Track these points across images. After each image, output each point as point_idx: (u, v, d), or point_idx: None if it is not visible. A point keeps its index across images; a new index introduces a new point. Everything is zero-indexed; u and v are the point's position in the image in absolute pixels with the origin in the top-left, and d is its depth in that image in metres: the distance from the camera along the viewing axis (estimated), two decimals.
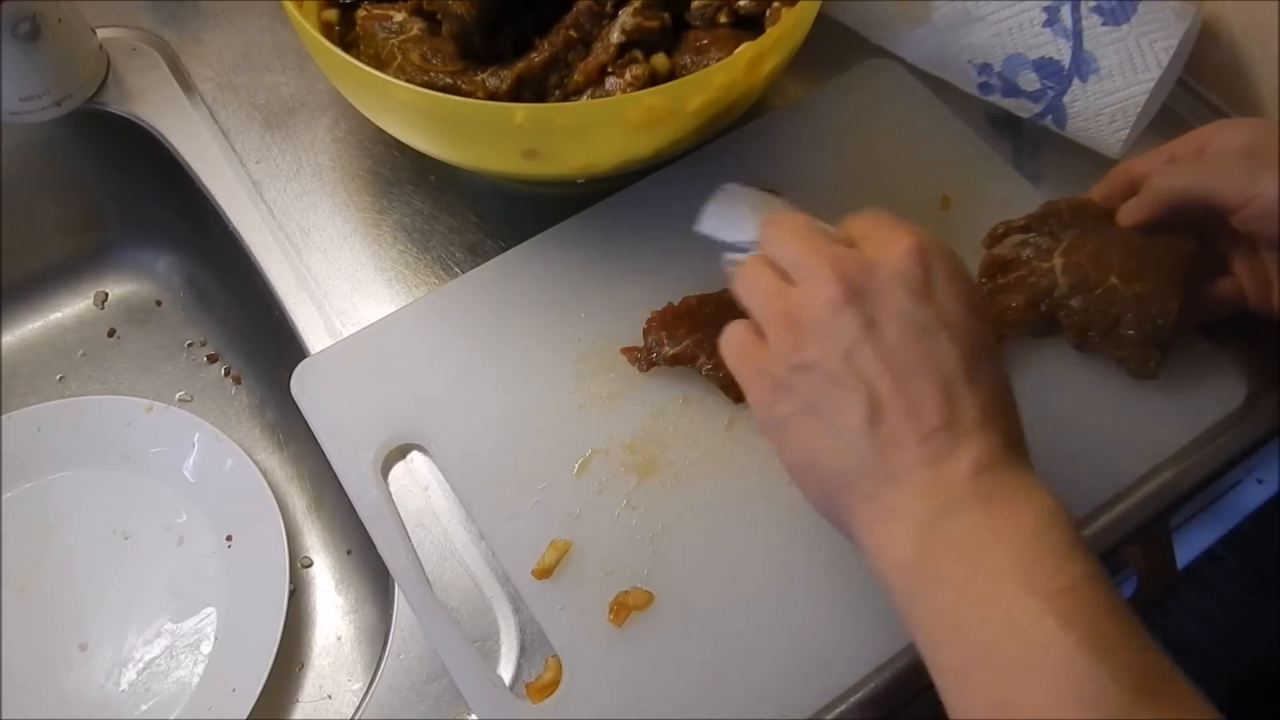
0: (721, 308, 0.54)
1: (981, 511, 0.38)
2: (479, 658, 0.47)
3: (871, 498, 0.39)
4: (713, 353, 0.52)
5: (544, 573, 0.49)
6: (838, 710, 0.46)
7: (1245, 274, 0.52)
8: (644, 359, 0.54)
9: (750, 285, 0.44)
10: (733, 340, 0.44)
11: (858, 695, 0.47)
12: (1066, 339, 0.53)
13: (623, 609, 0.47)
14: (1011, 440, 0.40)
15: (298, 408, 0.54)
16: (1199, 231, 0.52)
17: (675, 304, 0.55)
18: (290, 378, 0.54)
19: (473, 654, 0.47)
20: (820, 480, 0.41)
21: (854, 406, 0.39)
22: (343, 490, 0.51)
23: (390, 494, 0.51)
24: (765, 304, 0.43)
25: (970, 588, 0.37)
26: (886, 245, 0.41)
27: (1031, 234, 0.55)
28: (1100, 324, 0.52)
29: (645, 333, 0.54)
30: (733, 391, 0.52)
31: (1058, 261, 0.53)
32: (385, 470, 0.52)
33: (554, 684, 0.46)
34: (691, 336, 0.53)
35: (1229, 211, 0.49)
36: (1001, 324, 0.53)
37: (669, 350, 0.53)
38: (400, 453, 0.53)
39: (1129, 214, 0.53)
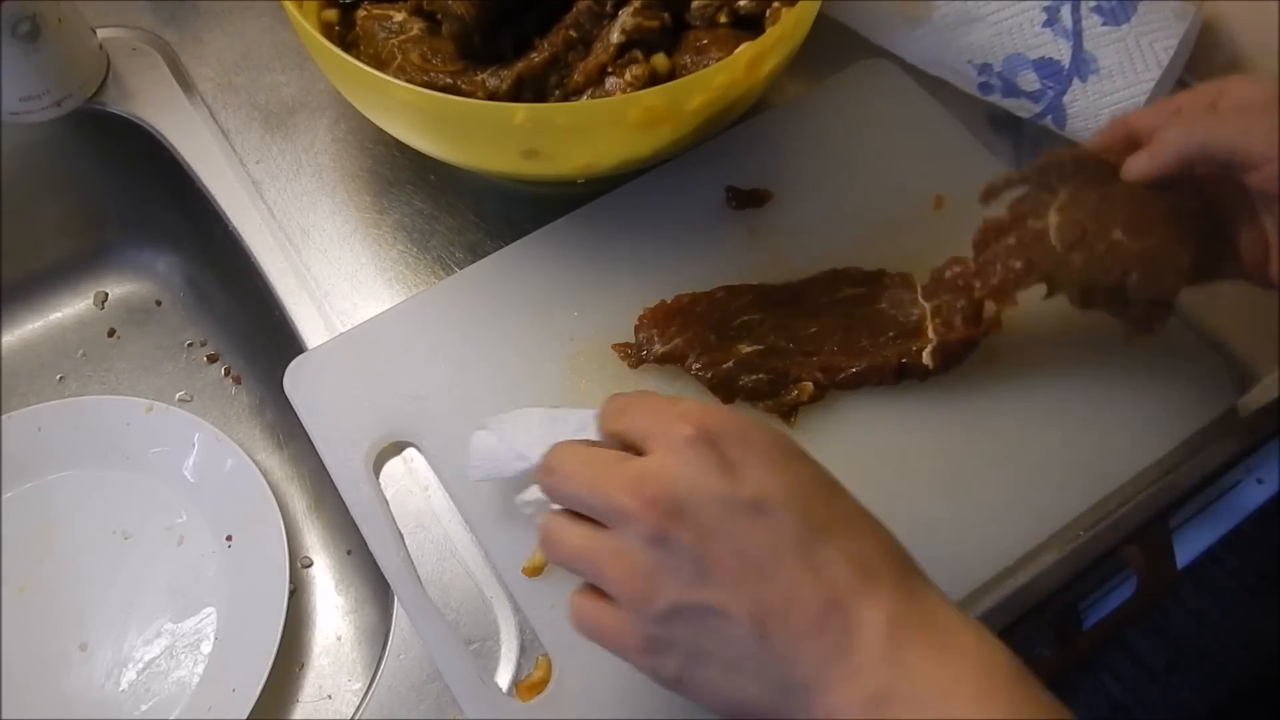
0: (714, 306, 0.54)
1: (915, 686, 0.34)
2: (469, 655, 0.47)
3: (805, 709, 0.35)
4: (703, 352, 0.52)
5: (534, 571, 0.49)
6: None
7: (1244, 242, 0.49)
8: (634, 355, 0.54)
9: (562, 548, 0.39)
10: (584, 616, 0.38)
11: None
12: (1067, 298, 0.50)
13: None
14: (902, 571, 0.36)
15: None
16: (1197, 194, 0.49)
17: (668, 301, 0.55)
18: None
19: (463, 651, 0.47)
20: (752, 716, 0.36)
21: (735, 629, 0.35)
22: None
23: (382, 491, 0.51)
24: (590, 564, 0.38)
25: None
26: (668, 445, 0.37)
27: (1029, 187, 0.51)
28: (1105, 280, 0.48)
29: (637, 329, 0.54)
30: (721, 392, 0.52)
31: (1053, 218, 0.49)
32: (377, 467, 0.52)
33: (543, 682, 0.46)
34: (682, 335, 0.53)
35: (1248, 168, 0.45)
36: (1003, 295, 0.49)
37: (659, 348, 0.53)
38: (393, 449, 0.53)
39: (1139, 167, 0.48)
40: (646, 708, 0.46)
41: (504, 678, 0.48)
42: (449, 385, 0.54)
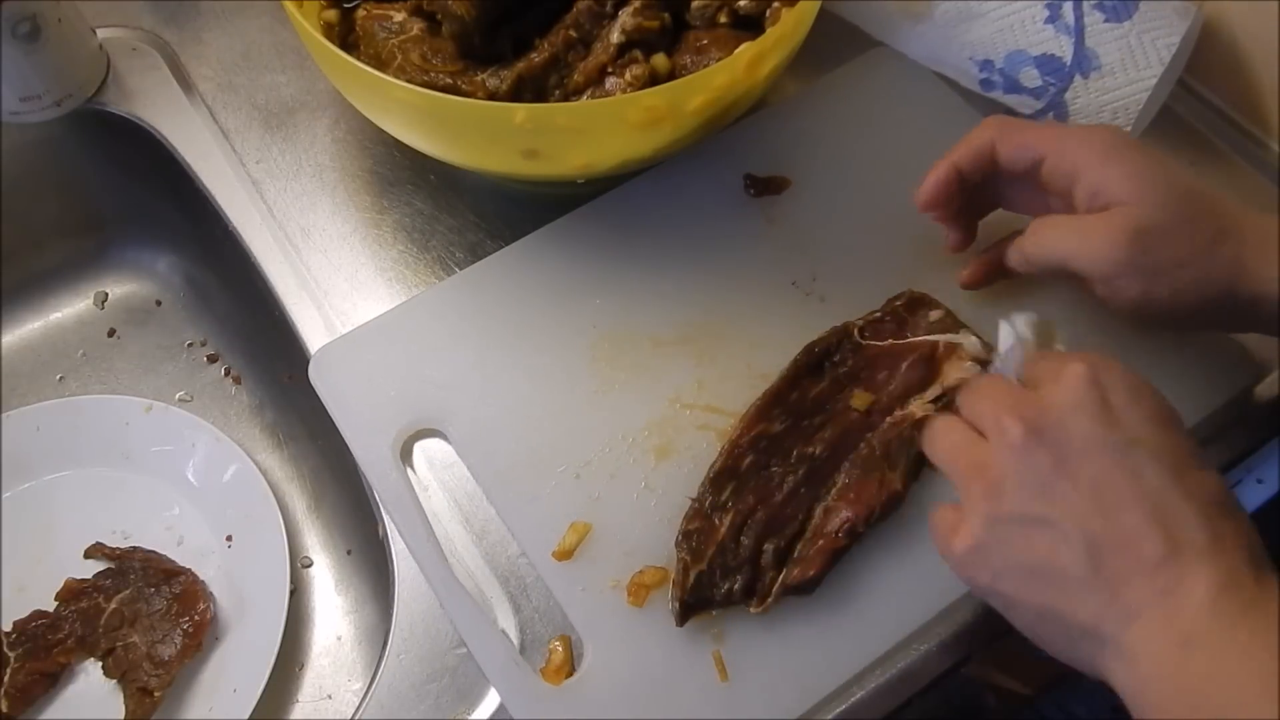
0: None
1: (1226, 639, 0.35)
2: (500, 635, 0.48)
3: (1112, 643, 0.37)
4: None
5: (565, 554, 0.49)
6: (836, 709, 0.46)
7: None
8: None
9: (933, 444, 0.43)
10: (933, 520, 0.42)
11: (857, 695, 0.47)
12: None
13: (640, 589, 0.48)
14: (1251, 553, 0.37)
15: (297, 408, 0.54)
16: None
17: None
18: (290, 377, 0.54)
19: (494, 631, 0.47)
20: (1058, 636, 0.39)
21: (1069, 551, 0.37)
22: (343, 490, 0.51)
23: (409, 478, 0.51)
24: (949, 461, 0.42)
25: None
26: (1056, 378, 0.40)
27: None
28: None
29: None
30: None
31: None
32: (405, 455, 0.52)
33: (566, 664, 0.47)
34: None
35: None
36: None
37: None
38: (419, 437, 0.53)
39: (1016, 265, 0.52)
40: (677, 688, 0.46)
41: None
42: (474, 374, 0.54)
